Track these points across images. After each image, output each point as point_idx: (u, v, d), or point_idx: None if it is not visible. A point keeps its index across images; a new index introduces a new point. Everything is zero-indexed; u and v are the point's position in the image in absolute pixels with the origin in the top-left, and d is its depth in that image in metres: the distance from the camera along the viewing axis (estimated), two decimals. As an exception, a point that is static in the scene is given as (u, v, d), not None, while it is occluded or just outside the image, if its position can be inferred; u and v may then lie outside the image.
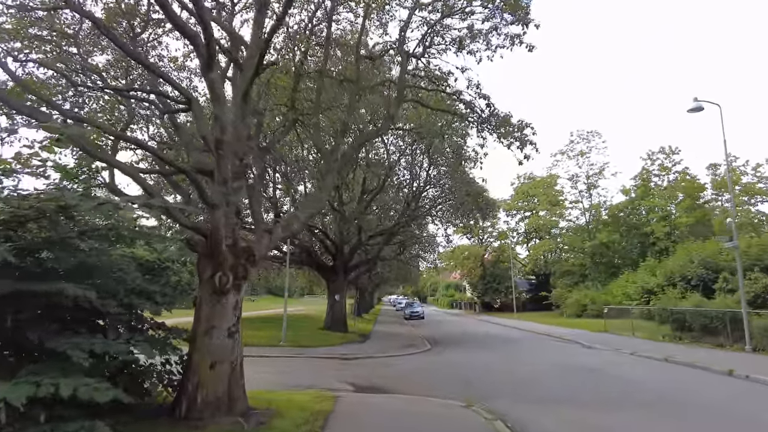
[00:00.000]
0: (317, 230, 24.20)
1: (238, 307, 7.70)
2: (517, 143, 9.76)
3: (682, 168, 46.38)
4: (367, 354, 17.36)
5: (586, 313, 40.63)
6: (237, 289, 7.59)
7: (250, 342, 19.58)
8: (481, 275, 58.11)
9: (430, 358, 16.79)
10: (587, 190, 49.60)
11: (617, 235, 45.92)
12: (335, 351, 18.01)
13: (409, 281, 46.41)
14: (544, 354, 18.02)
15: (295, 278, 39.37)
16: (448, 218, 23.34)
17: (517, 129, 9.79)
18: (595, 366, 14.36)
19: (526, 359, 16.40)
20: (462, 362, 15.58)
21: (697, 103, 17.36)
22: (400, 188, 25.69)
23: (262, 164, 9.75)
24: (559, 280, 49.04)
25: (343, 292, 24.49)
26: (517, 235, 62.22)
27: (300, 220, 8.60)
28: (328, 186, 9.06)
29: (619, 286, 39.49)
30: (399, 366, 14.94)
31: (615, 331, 27.02)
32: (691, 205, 43.06)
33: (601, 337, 24.63)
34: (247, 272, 7.76)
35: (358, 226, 21.46)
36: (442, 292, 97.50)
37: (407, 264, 33.40)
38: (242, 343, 7.94)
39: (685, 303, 21.39)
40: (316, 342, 20.01)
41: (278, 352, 17.50)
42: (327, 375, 12.97)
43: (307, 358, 16.69)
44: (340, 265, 24.23)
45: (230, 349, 7.42)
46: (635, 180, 49.20)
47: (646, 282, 33.22)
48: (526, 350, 19.13)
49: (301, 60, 11.07)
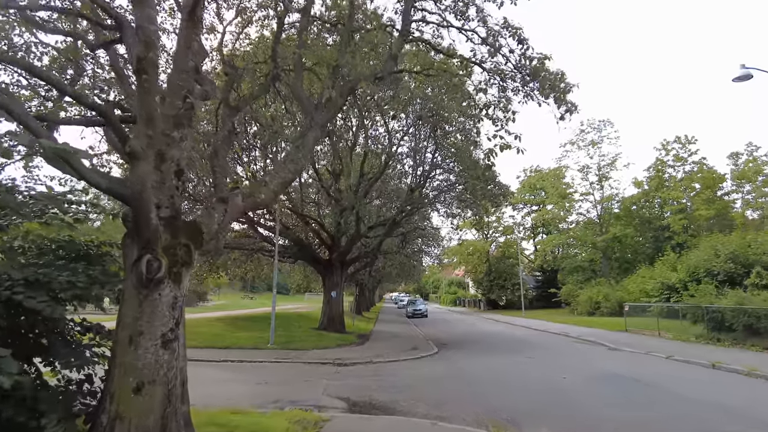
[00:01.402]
0: (312, 221, 21.99)
1: (177, 306, 5.46)
2: (555, 94, 7.54)
3: (699, 158, 44.01)
4: (365, 358, 15.16)
5: (600, 311, 38.41)
6: (175, 281, 5.36)
7: (234, 344, 17.46)
8: (487, 271, 55.83)
9: (439, 364, 14.58)
10: (599, 181, 47.21)
11: (631, 229, 43.57)
12: (329, 354, 15.81)
13: (412, 277, 44.17)
14: (569, 358, 15.79)
15: (289, 274, 37.20)
16: (454, 209, 20.99)
17: (556, 79, 7.59)
18: (638, 376, 12.10)
19: (552, 365, 14.16)
20: (477, 370, 13.36)
21: (745, 70, 15.04)
22: (403, 176, 23.47)
23: (230, 123, 7.44)
24: (570, 276, 46.71)
25: (340, 288, 22.29)
26: (523, 230, 60.02)
27: (270, 189, 6.38)
28: (309, 145, 6.84)
29: (635, 282, 37.18)
30: (402, 374, 12.73)
31: (636, 330, 24.81)
32: (710, 197, 40.69)
33: (623, 337, 22.40)
34: (191, 257, 5.56)
35: (357, 216, 19.23)
36: (444, 289, 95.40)
37: (410, 258, 31.14)
38: (185, 356, 5.70)
39: (724, 301, 19.11)
40: (308, 344, 17.83)
41: (264, 356, 15.33)
42: (316, 386, 10.77)
43: (295, 363, 14.50)
44: (337, 259, 22.03)
45: (165, 365, 5.20)
46: (649, 171, 46.84)
47: (667, 278, 30.97)
48: (547, 354, 16.90)
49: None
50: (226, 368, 13.54)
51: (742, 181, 41.26)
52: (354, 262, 24.56)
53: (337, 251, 21.94)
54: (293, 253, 23.01)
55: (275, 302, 18.38)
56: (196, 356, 15.04)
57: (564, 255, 51.44)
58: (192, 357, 14.95)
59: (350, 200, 18.12)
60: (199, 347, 16.69)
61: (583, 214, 49.21)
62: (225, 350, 16.35)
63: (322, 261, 22.69)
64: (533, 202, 56.59)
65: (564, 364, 14.50)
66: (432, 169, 20.77)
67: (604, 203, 46.82)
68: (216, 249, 6.87)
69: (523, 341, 21.80)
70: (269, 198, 6.49)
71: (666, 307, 24.30)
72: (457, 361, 15.14)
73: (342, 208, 18.75)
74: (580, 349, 18.89)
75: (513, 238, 59.26)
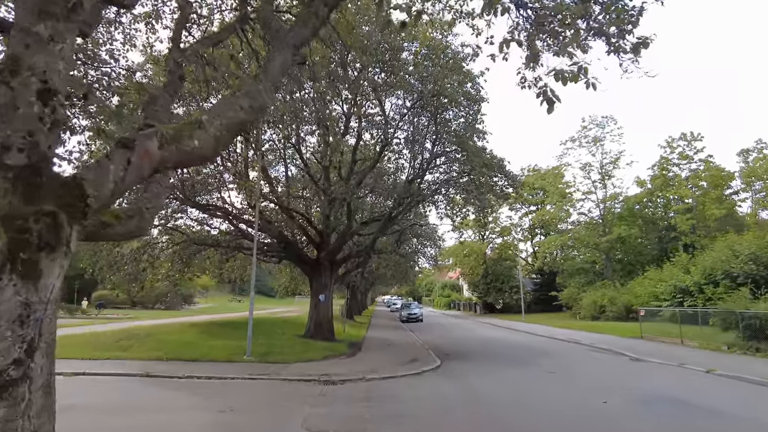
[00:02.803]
0: (298, 215, 19.63)
1: (32, 319, 3.09)
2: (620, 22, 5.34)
3: (706, 156, 42.29)
4: (357, 374, 12.82)
5: (605, 315, 36.42)
6: (26, 276, 3.01)
7: (204, 356, 15.02)
8: (483, 274, 53.68)
9: (444, 381, 12.28)
10: (601, 179, 45.31)
11: (636, 229, 41.66)
12: (314, 369, 13.46)
13: (407, 279, 41.90)
14: (594, 372, 13.57)
15: (275, 275, 34.79)
16: (459, 199, 18.61)
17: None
18: (691, 398, 9.89)
19: (579, 382, 11.93)
20: (492, 389, 11.08)
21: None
22: (399, 170, 21.19)
23: (177, 66, 5.07)
24: (571, 278, 44.70)
25: (329, 291, 19.93)
26: (521, 231, 58.02)
27: (210, 133, 4.05)
28: (274, 72, 4.55)
29: (642, 285, 35.23)
30: (403, 396, 10.42)
31: (652, 336, 22.76)
32: (719, 196, 38.91)
33: (641, 345, 20.30)
34: (61, 235, 3.21)
35: (348, 208, 16.93)
36: (438, 292, 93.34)
37: (405, 259, 28.85)
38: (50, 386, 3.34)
39: (762, 305, 17.07)
40: (291, 355, 15.46)
41: (237, 371, 12.92)
42: (294, 415, 8.42)
43: (273, 381, 12.13)
44: (326, 259, 19.68)
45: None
46: (653, 170, 45.05)
47: (680, 280, 28.99)
48: (565, 366, 14.68)
49: None
50: (189, 388, 11.15)
51: (752, 178, 39.53)
52: (344, 261, 22.21)
53: (325, 250, 19.60)
54: (277, 251, 20.64)
55: (253, 307, 15.99)
56: (156, 371, 12.66)
57: (564, 257, 49.46)
58: (152, 372, 12.61)
59: (341, 190, 15.81)
60: (161, 360, 14.30)
61: (585, 213, 47.31)
62: (192, 364, 13.93)
63: (309, 261, 20.31)
64: (532, 202, 54.60)
65: (590, 380, 12.28)
66: (432, 159, 18.50)
67: (607, 202, 44.91)
68: (138, 229, 4.53)
69: (532, 350, 19.59)
70: (208, 147, 4.13)
71: (688, 312, 22.18)
72: (465, 376, 12.85)
73: (331, 199, 16.40)
74: (599, 359, 16.71)
75: (510, 239, 57.27)
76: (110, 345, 16.26)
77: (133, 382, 11.84)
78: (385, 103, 17.31)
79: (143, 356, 14.64)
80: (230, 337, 18.64)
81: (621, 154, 45.19)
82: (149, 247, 17.74)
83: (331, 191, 16.11)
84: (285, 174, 21.00)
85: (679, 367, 14.21)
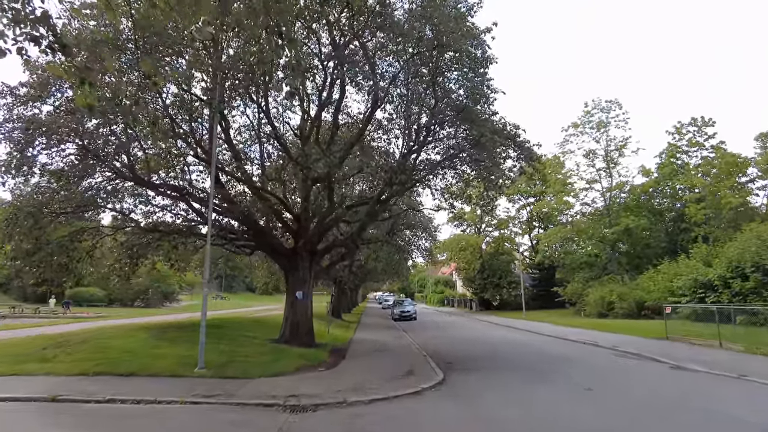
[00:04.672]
0: (269, 195, 16.44)
1: None
2: None
3: (718, 142, 39.65)
4: (336, 395, 9.72)
5: (613, 312, 33.66)
6: None
7: (143, 369, 11.78)
8: (480, 269, 50.74)
9: (451, 405, 9.20)
10: (606, 168, 42.47)
11: (645, 220, 38.91)
12: (282, 387, 10.33)
13: (400, 274, 38.85)
14: (643, 389, 10.51)
15: (251, 270, 31.49)
16: (464, 173, 15.35)
17: None
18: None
19: (635, 408, 8.87)
20: (523, 423, 7.99)
21: None
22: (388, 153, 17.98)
23: None
24: (575, 273, 41.88)
25: (309, 286, 16.75)
26: (519, 224, 55.18)
27: None
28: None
29: (653, 279, 32.53)
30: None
31: (680, 337, 19.93)
32: (733, 184, 36.23)
33: (672, 348, 17.46)
34: None
35: (329, 185, 13.80)
36: (431, 288, 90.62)
37: (400, 251, 25.69)
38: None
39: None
40: (256, 367, 12.29)
41: (178, 391, 9.75)
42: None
43: (224, 406, 8.99)
44: (305, 249, 16.52)
45: None
46: (660, 158, 42.35)
47: (702, 273, 26.24)
48: (602, 379, 11.68)
49: None
50: (98, 420, 7.99)
51: (771, 165, 36.88)
52: (327, 252, 19.03)
53: (304, 237, 16.44)
54: (245, 240, 17.44)
55: (206, 306, 12.74)
56: (70, 392, 9.42)
57: (565, 250, 46.63)
58: (62, 395, 8.82)
59: (319, 159, 12.60)
60: (85, 375, 11.07)
61: (589, 204, 44.46)
62: (124, 380, 10.74)
63: (285, 251, 17.11)
64: (530, 193, 51.73)
65: (645, 400, 9.25)
66: (432, 126, 15.31)
67: (612, 192, 42.09)
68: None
69: (548, 355, 16.62)
70: None
71: (722, 309, 19.32)
72: (478, 397, 9.76)
73: (307, 173, 13.18)
74: (633, 368, 13.75)
75: (508, 232, 54.45)
76: (30, 355, 12.98)
77: (28, 410, 8.62)
78: (374, 60, 14.15)
79: (64, 370, 11.39)
80: (185, 342, 15.32)
81: (627, 141, 42.44)
82: (84, 233, 14.45)
83: (308, 163, 12.89)
84: (260, 153, 17.81)
85: (741, 380, 11.32)
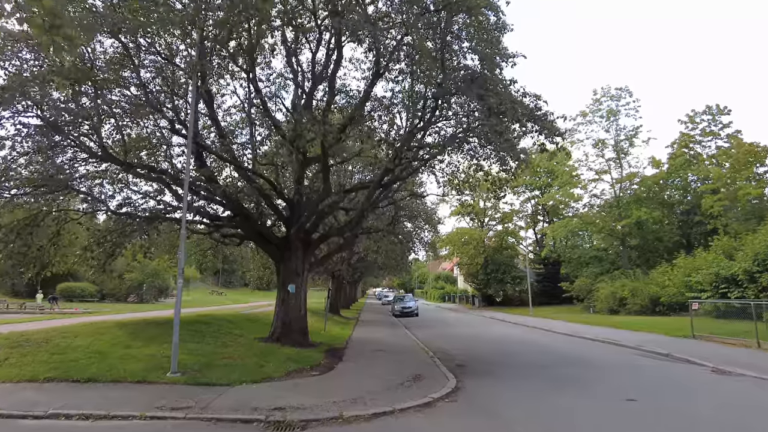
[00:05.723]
0: (257, 177, 14.72)
1: None
2: None
3: (734, 131, 37.93)
4: (329, 407, 8.04)
5: (626, 308, 32.04)
6: None
7: (108, 374, 10.03)
8: (483, 264, 49.04)
9: (471, 421, 7.51)
10: (616, 158, 40.72)
11: (658, 212, 37.21)
12: (265, 397, 8.63)
13: (401, 268, 37.18)
14: (692, 402, 8.80)
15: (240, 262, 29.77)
16: (480, 152, 13.47)
17: None
18: None
19: (687, 424, 7.22)
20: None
21: None
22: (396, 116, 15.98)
23: None
24: (583, 268, 40.22)
25: (302, 279, 15.04)
26: (524, 218, 53.52)
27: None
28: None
29: (668, 274, 30.88)
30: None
31: (709, 336, 18.27)
32: (751, 175, 34.53)
33: (705, 348, 15.79)
34: None
35: (324, 160, 12.06)
36: (431, 284, 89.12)
37: (399, 240, 23.90)
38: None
39: None
40: (239, 370, 10.61)
41: (142, 402, 8.06)
42: None
43: (188, 422, 7.31)
44: (297, 237, 14.82)
45: None
46: (672, 147, 40.62)
47: (726, 267, 24.56)
48: (642, 388, 9.98)
49: None
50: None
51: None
52: (323, 241, 17.31)
53: (296, 224, 14.72)
54: (231, 227, 15.71)
55: (180, 301, 11.01)
56: (10, 403, 7.80)
57: (570, 245, 44.94)
58: None
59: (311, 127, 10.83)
60: (35, 380, 9.37)
61: (598, 195, 42.73)
62: (80, 387, 9.07)
63: (275, 240, 15.41)
64: (536, 185, 50.00)
65: (706, 419, 7.59)
66: (441, 102, 13.53)
67: (623, 182, 40.34)
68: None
69: (569, 356, 14.95)
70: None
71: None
72: (504, 411, 8.04)
73: (297, 139, 11.41)
74: (667, 371, 12.07)
75: (512, 226, 52.77)
76: (-20, 357, 11.29)
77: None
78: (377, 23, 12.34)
79: (12, 375, 9.65)
80: (167, 342, 13.56)
81: (638, 130, 40.69)
82: (45, 218, 12.67)
83: (300, 131, 11.12)
84: (250, 133, 16.07)
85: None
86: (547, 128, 12.74)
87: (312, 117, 11.20)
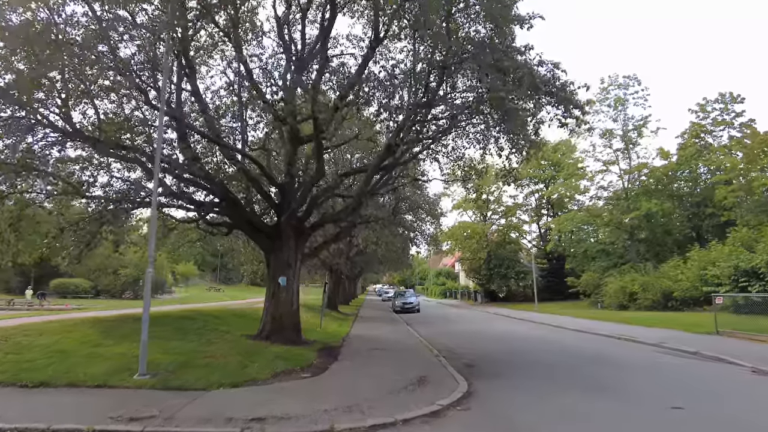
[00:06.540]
0: (246, 159, 13.35)
1: None
2: None
3: (747, 120, 36.52)
4: (315, 419, 6.67)
5: (636, 303, 30.74)
6: None
7: (61, 378, 8.69)
8: (486, 258, 47.71)
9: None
10: (625, 148, 39.31)
11: (669, 204, 35.84)
12: (243, 404, 7.30)
13: (402, 262, 35.86)
14: (745, 410, 7.51)
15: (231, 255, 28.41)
16: (492, 135, 12.03)
17: None
18: None
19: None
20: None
21: None
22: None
23: None
24: (590, 262, 38.90)
25: (294, 272, 13.68)
26: (527, 211, 52.16)
27: None
28: None
29: (680, 268, 29.56)
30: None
31: (732, 332, 16.94)
32: (766, 165, 33.11)
33: (731, 345, 14.47)
34: None
35: (317, 137, 10.72)
36: (432, 280, 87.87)
37: (403, 233, 22.54)
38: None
39: None
40: (219, 371, 9.27)
41: (98, 410, 6.71)
42: None
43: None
44: (289, 225, 13.47)
45: None
46: (682, 137, 39.21)
47: (746, 260, 23.23)
48: (682, 391, 8.65)
49: None
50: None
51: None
52: (317, 229, 15.96)
53: (287, 211, 13.37)
54: (217, 213, 14.35)
55: (149, 294, 9.66)
56: None
57: (578, 238, 43.59)
58: None
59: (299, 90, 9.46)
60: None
61: (605, 187, 41.33)
62: (28, 393, 7.75)
63: (265, 228, 14.06)
64: (540, 177, 48.61)
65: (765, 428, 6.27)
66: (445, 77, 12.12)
67: (632, 174, 38.93)
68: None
69: (586, 355, 13.61)
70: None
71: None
72: (525, 420, 6.71)
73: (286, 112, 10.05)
74: (701, 372, 10.74)
75: (516, 220, 51.40)
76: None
77: None
78: None
79: (-45, 379, 8.38)
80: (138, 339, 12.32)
81: (647, 120, 39.27)
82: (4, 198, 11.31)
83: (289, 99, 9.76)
84: (240, 114, 14.70)
85: None
86: (567, 99, 11.35)
87: (303, 84, 9.81)
